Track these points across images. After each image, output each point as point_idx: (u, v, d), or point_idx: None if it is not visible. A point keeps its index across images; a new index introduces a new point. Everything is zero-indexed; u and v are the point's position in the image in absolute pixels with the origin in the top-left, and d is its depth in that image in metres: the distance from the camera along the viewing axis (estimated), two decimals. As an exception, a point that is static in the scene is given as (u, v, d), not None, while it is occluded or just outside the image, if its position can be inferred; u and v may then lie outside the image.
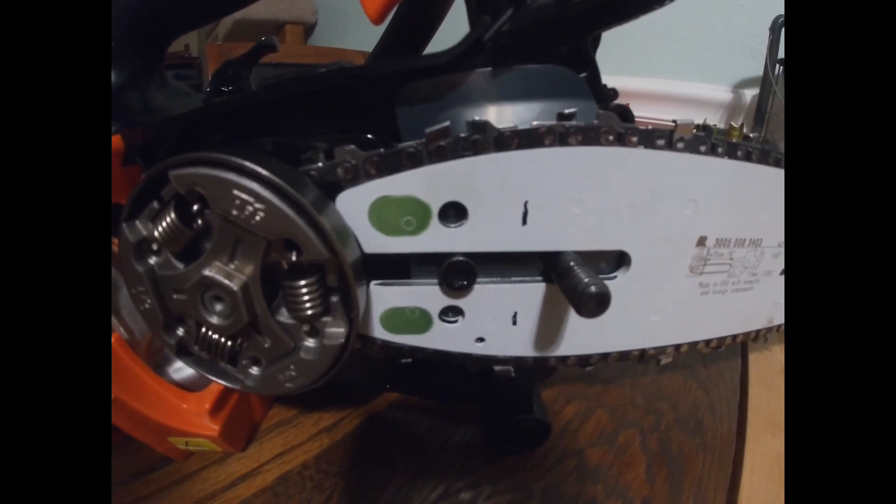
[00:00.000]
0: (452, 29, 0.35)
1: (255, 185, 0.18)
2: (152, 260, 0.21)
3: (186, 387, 0.30)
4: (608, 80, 0.23)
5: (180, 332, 0.23)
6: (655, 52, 1.13)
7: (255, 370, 0.23)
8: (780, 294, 0.29)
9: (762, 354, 0.41)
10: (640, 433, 0.33)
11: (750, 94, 1.02)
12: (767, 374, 0.39)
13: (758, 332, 0.30)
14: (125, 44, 0.29)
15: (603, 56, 0.24)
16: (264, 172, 0.18)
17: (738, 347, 0.42)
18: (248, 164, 0.18)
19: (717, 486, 0.29)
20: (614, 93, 0.26)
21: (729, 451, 0.32)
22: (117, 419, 0.28)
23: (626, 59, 1.13)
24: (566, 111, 0.20)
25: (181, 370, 0.31)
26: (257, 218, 0.18)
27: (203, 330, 0.22)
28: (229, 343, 0.22)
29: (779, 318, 0.31)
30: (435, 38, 0.35)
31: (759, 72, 0.91)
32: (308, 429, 0.32)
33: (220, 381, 0.23)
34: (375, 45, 0.36)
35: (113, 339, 0.26)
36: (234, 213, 0.18)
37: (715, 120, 1.05)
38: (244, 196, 0.18)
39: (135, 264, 0.21)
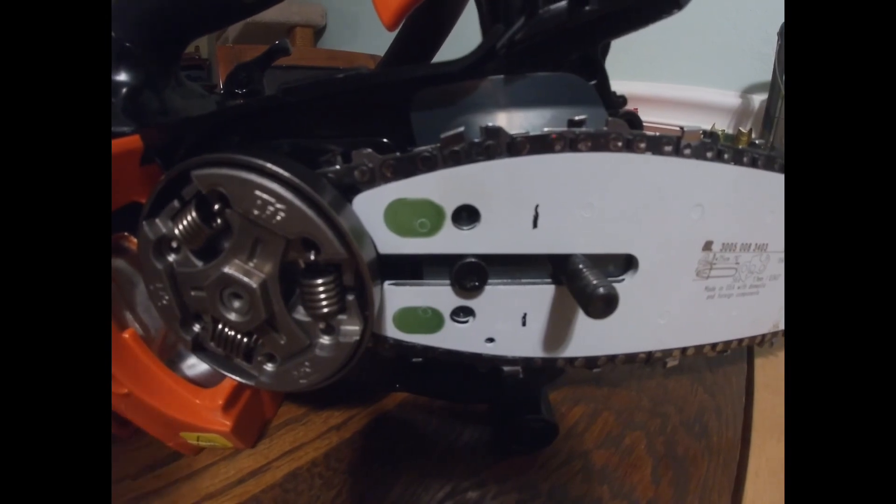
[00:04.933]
0: (458, 34, 0.35)
1: (276, 187, 0.18)
2: (171, 257, 0.22)
3: (199, 383, 0.30)
4: (617, 84, 0.23)
5: (196, 328, 0.23)
6: (664, 56, 1.13)
7: (269, 366, 0.23)
8: (785, 299, 0.30)
9: (768, 359, 0.41)
10: (646, 435, 0.33)
11: (759, 99, 1.02)
12: (773, 379, 0.39)
13: (763, 336, 0.31)
14: (142, 46, 0.29)
15: (612, 60, 0.24)
16: (286, 174, 0.18)
17: (745, 351, 0.42)
18: (270, 165, 0.18)
19: (722, 490, 0.29)
20: (623, 99, 0.26)
21: (734, 454, 0.32)
22: (130, 413, 0.28)
23: (635, 63, 1.13)
24: (576, 118, 0.20)
25: (195, 366, 0.31)
26: (278, 218, 0.19)
27: (220, 326, 0.22)
28: (245, 339, 0.22)
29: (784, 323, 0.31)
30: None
31: (768, 77, 0.91)
32: (318, 426, 0.33)
33: (234, 377, 0.24)
34: (387, 51, 0.36)
35: (128, 335, 0.27)
36: (256, 212, 0.19)
37: (723, 125, 1.05)
38: (266, 197, 0.19)
39: (154, 261, 0.22)
